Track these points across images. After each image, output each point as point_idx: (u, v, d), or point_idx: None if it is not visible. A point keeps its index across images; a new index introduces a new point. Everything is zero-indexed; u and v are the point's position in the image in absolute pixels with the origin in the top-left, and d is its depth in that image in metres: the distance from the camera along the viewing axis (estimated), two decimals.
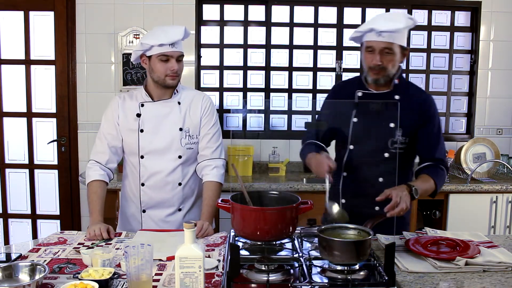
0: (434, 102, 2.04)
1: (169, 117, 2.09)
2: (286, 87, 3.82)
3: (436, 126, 2.02)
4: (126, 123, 2.10)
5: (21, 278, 1.42)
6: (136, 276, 1.33)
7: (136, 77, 3.66)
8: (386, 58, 1.91)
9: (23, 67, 3.72)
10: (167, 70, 2.01)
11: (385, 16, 1.98)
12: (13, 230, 3.89)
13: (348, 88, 2.09)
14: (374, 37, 1.89)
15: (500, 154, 3.59)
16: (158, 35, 1.99)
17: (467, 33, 3.85)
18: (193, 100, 2.14)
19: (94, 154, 2.14)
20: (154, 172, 2.09)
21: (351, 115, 2.04)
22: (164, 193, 2.11)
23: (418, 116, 1.99)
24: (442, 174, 1.98)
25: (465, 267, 1.56)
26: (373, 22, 1.92)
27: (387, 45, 1.88)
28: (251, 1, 3.74)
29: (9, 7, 3.66)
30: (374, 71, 1.94)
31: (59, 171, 3.79)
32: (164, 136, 2.08)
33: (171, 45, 1.97)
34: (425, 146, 2.01)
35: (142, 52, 2.03)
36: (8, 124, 3.78)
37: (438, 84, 3.89)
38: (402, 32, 1.89)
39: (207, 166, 2.11)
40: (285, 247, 1.71)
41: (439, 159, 2.00)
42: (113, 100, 2.15)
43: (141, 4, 3.62)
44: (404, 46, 1.94)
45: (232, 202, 1.66)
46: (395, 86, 2.01)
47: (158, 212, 2.13)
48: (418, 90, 2.07)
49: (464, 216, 3.27)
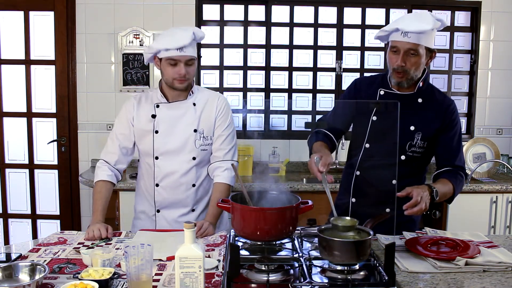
0: (457, 109, 2.00)
1: (183, 118, 2.08)
2: (286, 87, 3.82)
3: (458, 133, 1.98)
4: (141, 124, 2.09)
5: (21, 278, 1.42)
6: (136, 276, 1.33)
7: (136, 77, 3.66)
8: (411, 60, 1.86)
9: (23, 67, 3.72)
10: (175, 74, 1.99)
11: (412, 16, 1.93)
12: (13, 230, 3.89)
13: (371, 85, 2.04)
14: (400, 37, 1.83)
15: (500, 154, 3.59)
16: (165, 39, 1.98)
17: (467, 33, 3.85)
18: (208, 101, 2.13)
19: (104, 154, 2.13)
20: (168, 173, 2.09)
21: (371, 113, 1.99)
22: (178, 194, 2.11)
23: (441, 122, 1.95)
24: (461, 180, 1.96)
25: (465, 267, 1.56)
26: (399, 21, 1.87)
27: (412, 46, 1.83)
28: (251, 1, 3.74)
29: (9, 7, 3.66)
30: (397, 73, 1.89)
31: (59, 171, 3.79)
32: (178, 137, 2.08)
33: (178, 49, 1.95)
34: (445, 153, 1.97)
35: (152, 55, 2.02)
36: (8, 124, 3.78)
37: (438, 84, 3.87)
38: (429, 33, 1.83)
39: (219, 167, 2.11)
40: (285, 247, 1.71)
41: (459, 166, 1.97)
42: (128, 101, 2.14)
43: (141, 4, 3.62)
44: (431, 48, 1.89)
45: (232, 202, 1.66)
46: (419, 89, 1.96)
47: (172, 212, 2.13)
48: (442, 95, 2.01)
49: (464, 216, 3.26)
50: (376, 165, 1.99)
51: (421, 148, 1.97)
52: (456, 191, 1.93)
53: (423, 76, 1.95)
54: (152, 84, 3.66)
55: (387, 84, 2.01)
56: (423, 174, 2.08)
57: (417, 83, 1.96)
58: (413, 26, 1.81)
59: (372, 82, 2.06)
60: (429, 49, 1.89)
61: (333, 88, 3.84)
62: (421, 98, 1.96)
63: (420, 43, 1.83)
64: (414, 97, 1.96)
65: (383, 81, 2.03)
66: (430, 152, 2.01)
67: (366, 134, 2.00)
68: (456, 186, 1.92)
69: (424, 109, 1.96)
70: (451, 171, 1.96)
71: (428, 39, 1.85)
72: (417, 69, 1.89)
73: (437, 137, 1.97)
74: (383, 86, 2.01)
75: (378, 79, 2.06)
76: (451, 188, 1.90)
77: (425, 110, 1.95)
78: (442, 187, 1.87)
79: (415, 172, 2.03)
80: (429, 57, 1.91)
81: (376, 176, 1.99)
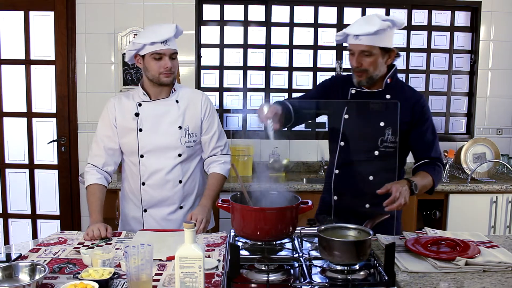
0: (426, 103, 2.06)
1: (167, 116, 2.10)
2: (286, 87, 3.82)
3: (431, 126, 2.03)
4: (124, 122, 2.10)
5: (21, 278, 1.42)
6: (136, 276, 1.33)
7: (136, 77, 3.66)
8: (366, 60, 1.93)
9: (23, 67, 3.72)
10: (160, 68, 2.01)
11: (361, 20, 2.00)
12: (13, 230, 3.89)
13: (346, 84, 2.10)
14: (353, 40, 1.92)
15: (500, 154, 3.59)
16: (149, 33, 2.00)
17: (467, 33, 3.85)
18: (191, 99, 2.15)
19: (91, 157, 2.15)
20: (154, 170, 2.10)
21: (342, 112, 2.06)
22: (165, 191, 2.12)
23: (411, 117, 2.00)
24: (439, 171, 2.01)
25: (465, 267, 1.56)
26: (350, 26, 1.96)
27: (364, 48, 1.90)
28: (251, 1, 3.74)
29: (9, 7, 3.66)
30: (356, 72, 1.98)
31: (59, 171, 3.79)
32: (163, 134, 2.09)
33: (163, 43, 1.98)
34: (420, 147, 2.02)
35: (135, 51, 2.04)
36: (8, 124, 3.78)
37: (438, 84, 3.89)
38: (381, 34, 1.89)
39: (215, 161, 2.18)
40: (285, 247, 1.72)
41: (436, 158, 2.02)
42: (108, 102, 2.15)
43: (141, 4, 3.62)
44: (388, 47, 1.94)
45: (232, 202, 1.66)
46: (386, 86, 2.02)
47: (160, 211, 2.14)
48: (411, 90, 2.08)
49: (464, 216, 3.26)
50: (352, 162, 2.05)
51: (393, 143, 2.01)
52: (435, 182, 1.98)
53: (389, 73, 2.01)
54: None
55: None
56: (401, 168, 2.12)
57: (383, 80, 2.01)
58: (361, 29, 1.89)
59: (346, 81, 2.11)
60: (385, 48, 1.94)
61: None
62: (389, 94, 2.02)
63: (374, 44, 1.90)
64: (382, 94, 2.02)
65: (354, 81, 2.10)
66: (405, 147, 2.05)
67: (340, 133, 2.06)
68: (435, 177, 1.97)
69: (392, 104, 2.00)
70: (428, 163, 2.00)
71: (382, 39, 1.91)
72: (376, 68, 1.95)
73: (409, 131, 2.02)
74: (354, 85, 2.07)
75: (349, 79, 2.11)
76: (430, 180, 1.95)
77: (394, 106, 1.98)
78: (421, 180, 1.91)
79: (392, 167, 2.05)
80: (388, 56, 1.97)
81: (353, 173, 2.06)
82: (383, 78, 2.01)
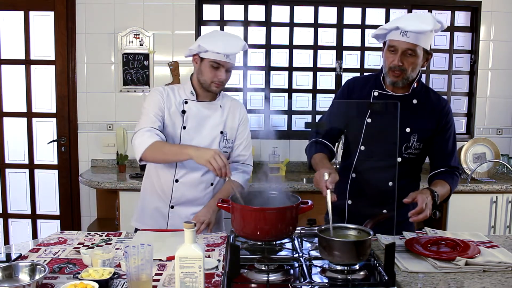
0: (451, 110, 2.00)
1: (211, 119, 2.11)
2: (286, 87, 3.82)
3: (453, 134, 1.99)
4: (171, 115, 2.08)
5: (21, 278, 1.41)
6: (136, 276, 1.33)
7: (136, 77, 3.66)
8: (408, 60, 1.84)
9: (23, 67, 3.72)
10: (214, 77, 2.00)
11: (413, 16, 1.91)
12: (13, 230, 3.89)
13: (365, 86, 2.02)
14: (399, 36, 1.81)
15: (500, 154, 3.59)
16: (217, 42, 1.97)
17: (467, 33, 3.85)
18: (232, 107, 2.17)
19: (144, 122, 2.01)
20: (190, 169, 2.09)
21: (365, 114, 1.98)
22: (197, 192, 2.12)
23: (436, 123, 1.94)
24: (456, 181, 1.97)
25: (465, 267, 1.56)
26: (400, 20, 1.83)
27: (410, 46, 1.81)
28: (251, 1, 3.74)
29: (9, 7, 3.66)
30: (393, 72, 1.87)
31: (59, 171, 3.79)
32: (205, 136, 2.09)
33: (226, 55, 1.97)
34: (441, 154, 1.97)
35: (197, 52, 2.02)
36: (8, 124, 3.79)
37: (438, 84, 3.89)
38: (428, 34, 1.82)
39: (236, 168, 2.17)
40: (285, 247, 1.71)
41: (455, 167, 1.98)
42: (156, 89, 2.08)
43: (141, 4, 3.62)
44: (428, 49, 1.87)
45: (232, 202, 1.66)
46: (413, 90, 1.95)
47: (187, 210, 2.13)
48: (437, 95, 2.00)
49: (464, 216, 3.27)
50: (372, 167, 1.99)
51: (417, 150, 1.97)
52: (451, 192, 1.95)
53: (417, 77, 1.94)
54: (152, 84, 3.66)
55: (381, 84, 1.99)
56: (418, 173, 2.09)
57: (411, 84, 1.94)
58: (414, 25, 1.78)
59: (365, 83, 2.03)
60: (426, 50, 1.87)
61: (333, 88, 3.84)
62: (416, 99, 1.95)
63: (419, 43, 1.82)
64: (409, 98, 1.95)
65: (377, 82, 2.00)
66: (425, 152, 2.02)
67: (361, 137, 1.99)
68: (453, 187, 1.94)
69: (419, 110, 1.95)
70: (448, 172, 1.96)
71: (427, 40, 1.84)
72: (414, 69, 1.87)
73: (433, 138, 1.97)
74: (377, 87, 1.99)
75: (371, 80, 2.03)
76: (448, 190, 1.92)
77: (420, 111, 1.94)
78: (442, 189, 1.88)
79: (411, 173, 2.03)
80: (426, 59, 1.90)
81: (372, 178, 1.99)
82: (412, 81, 1.93)
